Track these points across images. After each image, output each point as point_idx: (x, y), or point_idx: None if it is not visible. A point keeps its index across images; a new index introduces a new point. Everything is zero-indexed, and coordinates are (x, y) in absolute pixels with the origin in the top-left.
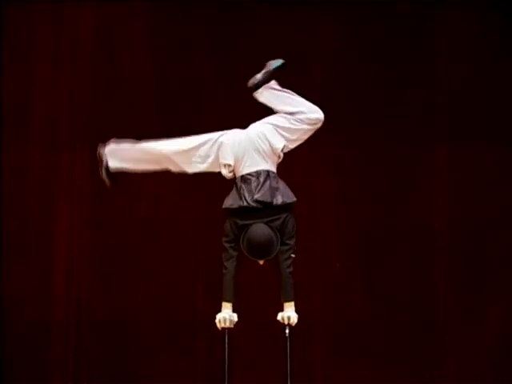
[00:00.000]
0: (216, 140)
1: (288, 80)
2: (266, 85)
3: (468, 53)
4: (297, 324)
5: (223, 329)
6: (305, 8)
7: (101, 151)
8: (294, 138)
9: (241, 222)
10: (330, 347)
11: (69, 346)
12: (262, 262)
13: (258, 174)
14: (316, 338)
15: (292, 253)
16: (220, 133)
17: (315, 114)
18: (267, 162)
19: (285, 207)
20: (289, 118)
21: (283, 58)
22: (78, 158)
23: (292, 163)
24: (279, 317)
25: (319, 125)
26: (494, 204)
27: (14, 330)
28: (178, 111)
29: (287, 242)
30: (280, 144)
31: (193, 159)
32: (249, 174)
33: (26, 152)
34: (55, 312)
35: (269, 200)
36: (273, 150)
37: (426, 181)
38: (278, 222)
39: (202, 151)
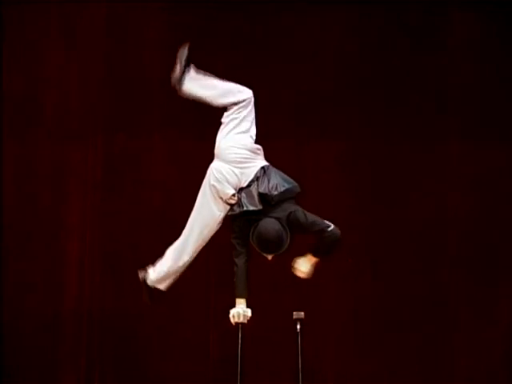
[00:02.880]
0: (208, 192)
1: (299, 78)
2: (188, 75)
3: (481, 49)
4: (308, 325)
5: (237, 324)
6: (315, 5)
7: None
8: (249, 125)
9: (247, 218)
10: (341, 344)
11: (80, 345)
12: (270, 258)
13: (256, 178)
14: (328, 335)
15: (328, 227)
16: (204, 184)
17: (243, 95)
18: (255, 162)
19: (286, 196)
20: (230, 116)
21: (293, 57)
22: (89, 150)
23: (303, 160)
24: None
25: (252, 100)
26: (506, 199)
27: (24, 326)
28: (188, 107)
29: (315, 229)
30: (247, 139)
31: (212, 222)
32: (248, 185)
33: (37, 144)
34: (66, 307)
35: (268, 193)
36: (250, 149)
37: (438, 177)
38: (283, 219)
39: (211, 211)
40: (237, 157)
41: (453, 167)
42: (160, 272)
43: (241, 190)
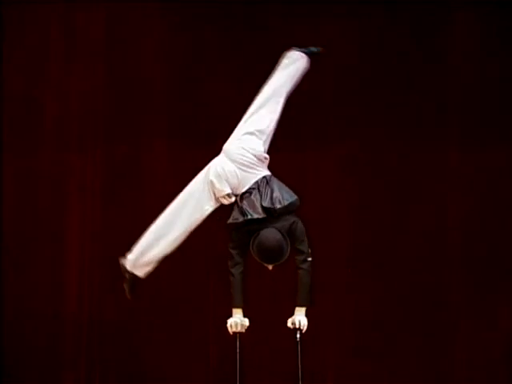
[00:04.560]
0: (204, 184)
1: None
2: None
3: (481, 53)
4: (309, 325)
5: (235, 333)
6: (316, 7)
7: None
8: (268, 131)
9: (247, 228)
10: (341, 348)
11: (80, 346)
12: (271, 267)
13: (257, 185)
14: (328, 339)
15: (308, 257)
16: (202, 174)
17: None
18: (259, 169)
19: (287, 210)
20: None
21: None
22: (89, 158)
23: (304, 166)
24: (289, 323)
25: None
26: (507, 201)
27: (25, 328)
28: (189, 111)
29: (299, 247)
30: (259, 146)
31: (198, 215)
32: (247, 191)
33: (37, 152)
34: (67, 311)
35: (272, 206)
36: (257, 156)
37: (439, 182)
38: (285, 229)
39: (200, 202)
40: (242, 159)
41: (453, 169)
42: (138, 257)
43: (242, 197)
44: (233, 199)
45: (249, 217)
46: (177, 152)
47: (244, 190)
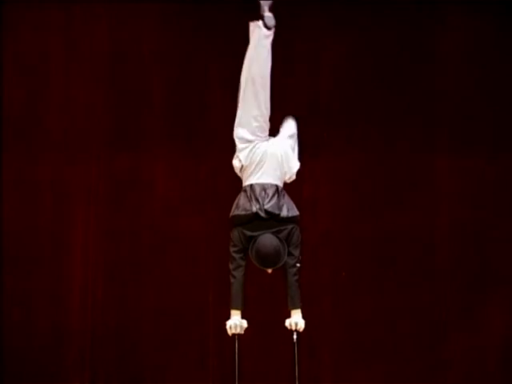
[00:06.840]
0: (255, 139)
1: (295, 86)
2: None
3: (470, 60)
4: (305, 329)
5: (233, 335)
6: (314, 9)
7: None
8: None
9: (249, 233)
10: (337, 351)
11: (84, 351)
12: (270, 271)
13: (268, 186)
14: (324, 342)
15: (297, 262)
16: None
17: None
18: (279, 178)
19: (290, 220)
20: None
21: (292, 66)
22: (93, 168)
23: (299, 174)
24: (287, 323)
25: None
26: (495, 211)
27: (31, 337)
28: (190, 123)
29: (292, 252)
30: (296, 167)
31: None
32: (258, 184)
33: (41, 162)
34: (71, 318)
35: (276, 212)
36: (290, 169)
37: (428, 190)
38: (284, 233)
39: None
40: (278, 161)
41: (443, 181)
42: None
43: (251, 187)
44: (237, 170)
45: (256, 209)
46: (178, 160)
47: (255, 181)
